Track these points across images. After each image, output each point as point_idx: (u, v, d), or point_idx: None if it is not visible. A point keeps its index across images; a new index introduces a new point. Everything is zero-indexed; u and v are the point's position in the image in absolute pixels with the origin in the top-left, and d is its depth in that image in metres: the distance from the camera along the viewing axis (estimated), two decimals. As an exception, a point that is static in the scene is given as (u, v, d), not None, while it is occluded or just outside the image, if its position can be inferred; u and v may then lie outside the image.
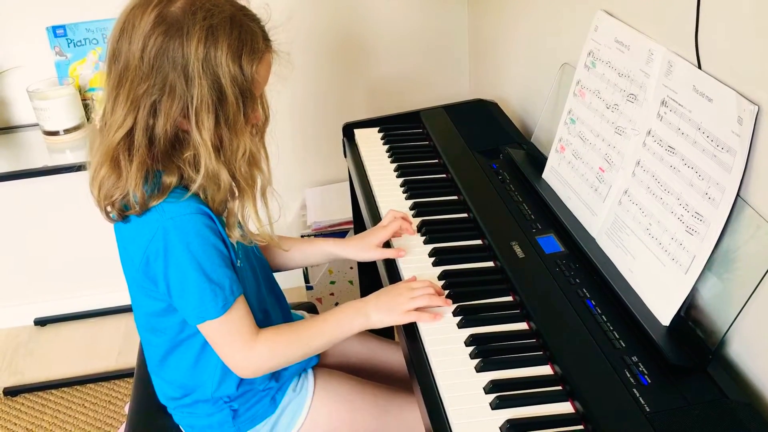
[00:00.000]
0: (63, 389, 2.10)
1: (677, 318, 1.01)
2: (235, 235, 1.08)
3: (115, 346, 2.26)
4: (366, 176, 1.56)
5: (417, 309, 1.09)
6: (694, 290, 1.00)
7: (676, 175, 1.04)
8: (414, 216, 1.37)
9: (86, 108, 2.00)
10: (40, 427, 1.98)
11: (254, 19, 1.04)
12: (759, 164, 0.92)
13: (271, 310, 1.23)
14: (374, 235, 1.29)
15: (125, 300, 1.20)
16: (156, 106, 0.98)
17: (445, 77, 2.25)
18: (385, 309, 1.11)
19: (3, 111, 2.06)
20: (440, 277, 1.19)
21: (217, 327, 1.05)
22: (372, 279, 1.67)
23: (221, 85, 0.98)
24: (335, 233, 2.11)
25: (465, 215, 1.38)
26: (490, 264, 1.24)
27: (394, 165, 1.57)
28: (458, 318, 1.09)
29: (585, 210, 1.26)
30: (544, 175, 1.41)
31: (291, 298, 1.38)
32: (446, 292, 1.15)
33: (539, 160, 1.45)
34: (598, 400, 0.91)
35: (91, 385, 2.11)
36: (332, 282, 2.19)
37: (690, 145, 1.02)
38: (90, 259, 2.27)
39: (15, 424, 2.00)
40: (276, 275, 1.32)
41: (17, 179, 1.88)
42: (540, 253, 1.20)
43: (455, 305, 1.11)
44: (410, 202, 1.42)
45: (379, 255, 1.28)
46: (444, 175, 1.53)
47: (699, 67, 1.02)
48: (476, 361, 1.01)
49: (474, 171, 1.49)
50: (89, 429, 1.97)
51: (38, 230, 2.25)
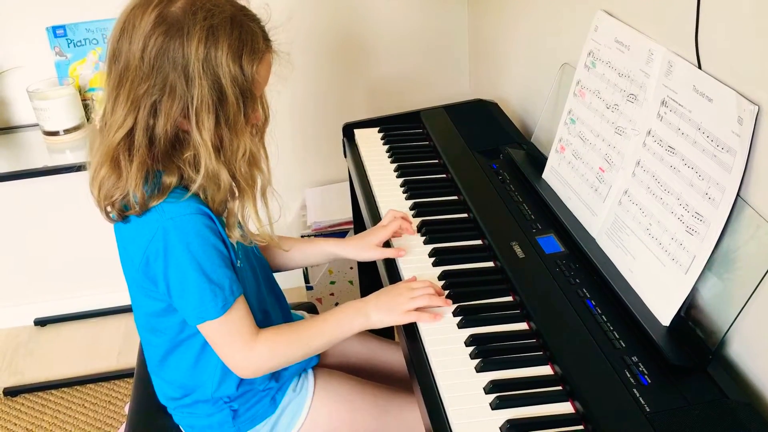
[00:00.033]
0: (63, 389, 2.10)
1: (677, 318, 1.01)
2: (235, 236, 1.08)
3: (115, 347, 2.26)
4: (366, 176, 1.56)
5: (417, 309, 1.10)
6: (694, 290, 1.00)
7: (676, 175, 1.04)
8: (414, 216, 1.37)
9: (86, 108, 2.00)
10: (40, 428, 1.98)
11: (254, 20, 1.04)
12: (759, 164, 0.92)
13: (271, 311, 1.23)
14: (374, 235, 1.29)
15: (125, 300, 1.20)
16: (156, 107, 0.98)
17: (445, 77, 2.25)
18: (385, 309, 1.11)
19: (3, 111, 2.06)
20: (440, 277, 1.19)
21: (217, 327, 1.05)
22: (372, 279, 1.67)
23: (221, 86, 0.98)
24: (335, 233, 2.11)
25: (465, 215, 1.38)
26: (490, 264, 1.24)
27: (394, 165, 1.57)
28: (458, 318, 1.09)
29: (585, 210, 1.26)
30: (544, 175, 1.41)
31: (291, 299, 1.38)
32: (446, 292, 1.15)
33: (539, 160, 1.45)
34: (598, 400, 0.91)
35: (91, 386, 2.11)
36: (332, 282, 2.19)
37: (690, 145, 1.02)
38: (90, 260, 2.27)
39: (15, 425, 2.00)
40: (276, 275, 1.32)
41: (17, 179, 1.88)
42: (540, 253, 1.20)
43: (455, 305, 1.11)
44: (410, 202, 1.42)
45: (379, 255, 1.28)
46: (444, 175, 1.53)
47: (699, 67, 1.02)
48: (476, 361, 1.01)
49: (474, 171, 1.49)
50: (89, 429, 1.97)
51: (38, 230, 2.25)
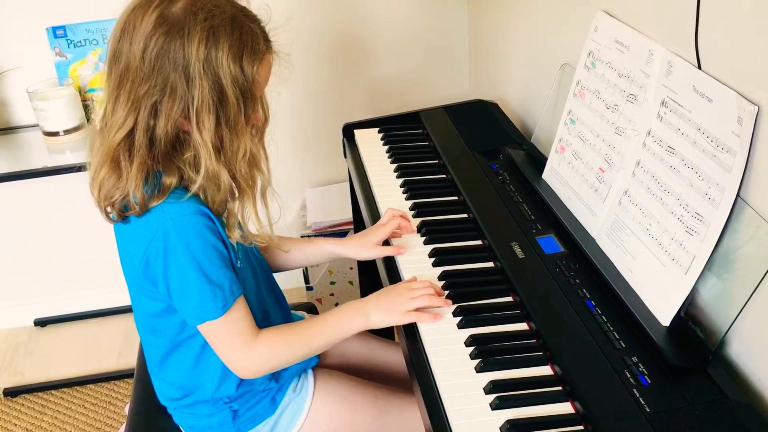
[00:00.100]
0: (63, 390, 2.10)
1: (677, 318, 1.01)
2: (235, 236, 1.08)
3: (115, 347, 2.26)
4: (366, 177, 1.56)
5: (417, 309, 1.10)
6: (694, 290, 1.00)
7: (676, 176, 1.04)
8: (414, 216, 1.37)
9: (86, 109, 2.00)
10: (40, 428, 1.98)
11: (255, 20, 1.04)
12: (759, 164, 0.92)
13: (271, 311, 1.23)
14: (373, 234, 1.29)
15: (125, 300, 1.20)
16: (157, 107, 0.98)
17: (445, 77, 2.25)
18: (385, 309, 1.11)
19: (3, 112, 2.06)
20: (440, 278, 1.19)
21: (217, 328, 1.05)
22: (372, 279, 1.67)
23: (222, 86, 0.98)
24: (335, 234, 2.11)
25: (465, 216, 1.38)
26: (490, 264, 1.24)
27: (394, 165, 1.57)
28: (458, 318, 1.09)
29: (585, 210, 1.26)
30: (544, 176, 1.41)
31: (291, 299, 1.38)
32: (446, 293, 1.15)
33: (539, 161, 1.45)
34: (598, 401, 0.91)
35: (91, 386, 2.11)
36: (332, 282, 2.19)
37: (690, 146, 1.02)
38: (90, 260, 2.27)
39: (15, 425, 2.00)
40: (276, 276, 1.32)
41: (17, 180, 1.88)
42: (540, 254, 1.21)
43: (455, 306, 1.11)
44: (410, 203, 1.42)
45: (379, 253, 1.28)
46: (444, 176, 1.53)
47: (699, 68, 1.02)
48: (476, 362, 1.01)
49: (474, 171, 1.49)
50: (89, 430, 1.97)
51: (38, 231, 2.25)
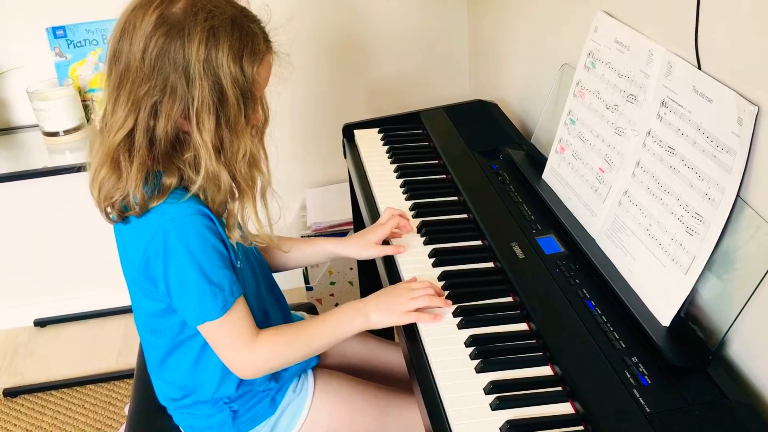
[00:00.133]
0: (63, 390, 2.10)
1: (677, 318, 1.01)
2: (235, 236, 1.08)
3: (115, 347, 2.26)
4: (366, 177, 1.56)
5: (417, 310, 1.10)
6: (694, 291, 1.00)
7: (676, 176, 1.04)
8: (414, 217, 1.37)
9: (86, 109, 2.00)
10: (40, 429, 1.98)
11: (255, 21, 1.04)
12: (759, 165, 0.92)
13: (271, 311, 1.23)
14: (373, 233, 1.29)
15: (125, 301, 1.20)
16: (157, 108, 0.98)
17: (445, 77, 2.25)
18: (385, 309, 1.11)
19: (3, 112, 2.06)
20: (440, 278, 1.19)
21: (217, 328, 1.05)
22: (372, 280, 1.67)
23: (222, 87, 0.98)
24: (335, 234, 2.11)
25: (465, 216, 1.38)
26: (490, 265, 1.24)
27: (394, 166, 1.57)
28: (458, 319, 1.09)
29: (585, 211, 1.26)
30: (544, 176, 1.41)
31: (291, 299, 1.38)
32: (446, 293, 1.15)
33: (539, 161, 1.45)
34: (598, 401, 0.91)
35: (91, 386, 2.11)
36: (332, 283, 2.19)
37: (690, 146, 1.02)
38: (90, 260, 2.27)
39: (15, 425, 2.00)
40: (276, 276, 1.32)
41: (17, 180, 1.88)
42: (540, 254, 1.21)
43: (455, 306, 1.11)
44: (410, 203, 1.42)
45: (379, 252, 1.28)
46: (444, 176, 1.53)
47: (699, 68, 1.02)
48: (476, 362, 1.01)
49: (474, 172, 1.49)
50: (89, 430, 1.97)
51: (38, 231, 2.25)
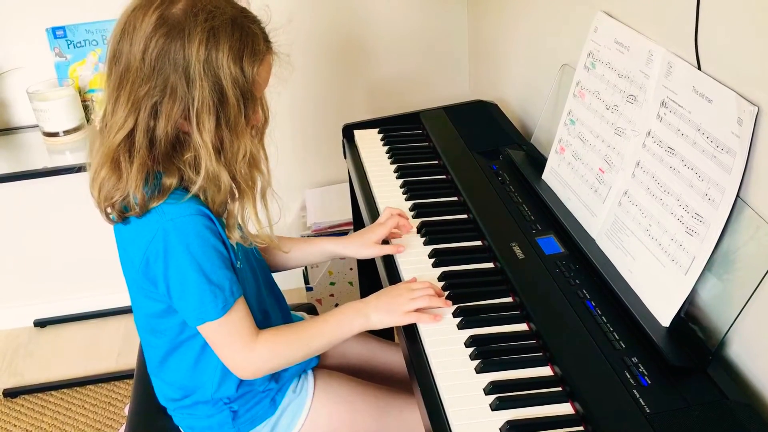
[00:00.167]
0: (63, 390, 2.10)
1: (677, 319, 1.01)
2: (235, 237, 1.08)
3: (115, 348, 2.26)
4: (366, 177, 1.56)
5: (417, 310, 1.10)
6: (694, 291, 1.00)
7: (676, 176, 1.04)
8: (414, 217, 1.37)
9: (86, 109, 2.00)
10: (40, 429, 1.98)
11: (255, 21, 1.04)
12: (759, 165, 0.92)
13: (271, 311, 1.23)
14: (372, 232, 1.29)
15: (125, 301, 1.20)
16: (157, 108, 0.98)
17: (445, 78, 2.25)
18: (385, 310, 1.11)
19: (3, 112, 2.06)
20: (440, 278, 1.19)
21: (217, 328, 1.05)
22: (372, 280, 1.67)
23: (222, 87, 0.98)
24: (335, 234, 2.11)
25: (465, 216, 1.38)
26: (490, 265, 1.24)
27: (394, 166, 1.57)
28: (458, 319, 1.09)
29: (585, 211, 1.26)
30: (544, 176, 1.41)
31: (291, 299, 1.38)
32: (446, 293, 1.15)
33: (539, 161, 1.45)
34: (598, 401, 0.91)
35: (91, 387, 2.11)
36: (332, 283, 2.19)
37: (690, 146, 1.02)
38: (90, 261, 2.27)
39: (15, 426, 2.00)
40: (276, 276, 1.32)
41: (17, 180, 1.88)
42: (540, 254, 1.21)
43: (455, 306, 1.11)
44: (410, 203, 1.42)
45: (378, 251, 1.28)
46: (444, 176, 1.53)
47: (699, 68, 1.02)
48: (476, 362, 1.01)
49: (474, 172, 1.49)
50: (89, 430, 1.97)
51: (38, 231, 2.25)
